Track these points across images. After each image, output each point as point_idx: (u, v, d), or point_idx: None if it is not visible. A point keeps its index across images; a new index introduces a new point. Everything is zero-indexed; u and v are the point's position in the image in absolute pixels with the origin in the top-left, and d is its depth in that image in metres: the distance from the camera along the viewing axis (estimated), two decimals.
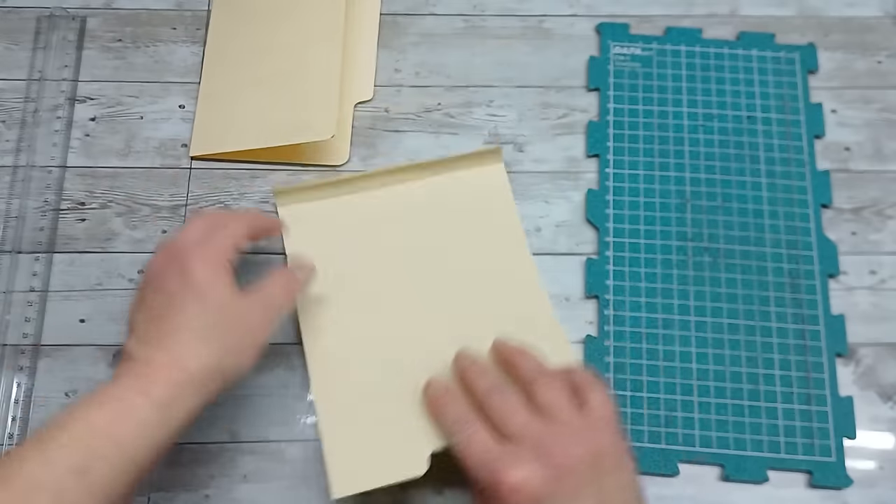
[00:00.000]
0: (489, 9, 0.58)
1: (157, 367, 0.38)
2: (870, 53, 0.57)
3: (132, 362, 0.38)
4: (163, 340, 0.39)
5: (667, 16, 0.58)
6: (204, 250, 0.41)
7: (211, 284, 0.40)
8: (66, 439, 0.35)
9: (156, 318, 0.39)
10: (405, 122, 0.55)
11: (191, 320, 0.39)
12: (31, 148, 0.53)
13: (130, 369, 0.38)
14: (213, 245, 0.42)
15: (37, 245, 0.51)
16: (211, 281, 0.40)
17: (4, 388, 0.48)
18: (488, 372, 0.42)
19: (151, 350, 0.38)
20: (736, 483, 0.46)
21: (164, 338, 0.39)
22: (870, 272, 0.51)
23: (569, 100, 0.55)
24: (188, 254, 0.41)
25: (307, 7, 0.56)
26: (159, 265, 0.41)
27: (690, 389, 0.48)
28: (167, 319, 0.39)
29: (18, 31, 0.57)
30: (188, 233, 0.42)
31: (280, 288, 0.43)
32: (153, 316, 0.40)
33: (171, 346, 0.38)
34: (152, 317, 0.40)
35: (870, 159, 0.54)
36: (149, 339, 0.39)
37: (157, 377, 0.37)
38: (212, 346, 0.39)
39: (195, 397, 0.38)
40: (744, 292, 0.50)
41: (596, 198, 0.52)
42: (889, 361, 0.49)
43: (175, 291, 0.40)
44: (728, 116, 0.54)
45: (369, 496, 0.45)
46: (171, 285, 0.40)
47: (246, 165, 0.53)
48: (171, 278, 0.40)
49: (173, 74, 0.56)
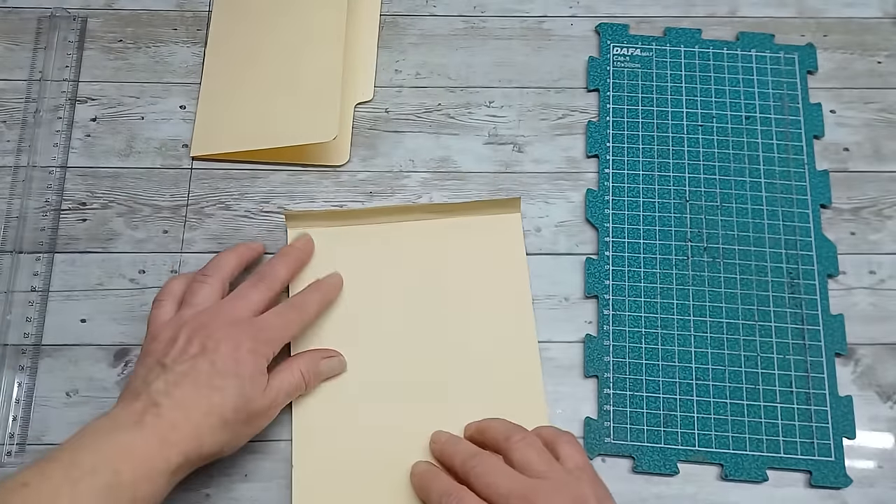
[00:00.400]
0: (489, 9, 0.58)
1: (181, 438, 0.38)
2: (869, 54, 0.57)
3: (160, 411, 0.39)
4: (192, 410, 0.39)
5: (666, 16, 0.58)
6: (257, 332, 0.42)
7: (254, 381, 0.41)
8: (96, 483, 0.35)
9: (193, 381, 0.40)
10: (405, 123, 0.55)
11: (226, 407, 0.40)
12: (33, 148, 0.53)
13: (157, 424, 0.38)
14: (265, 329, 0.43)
15: (38, 245, 0.51)
16: (256, 376, 0.41)
17: (5, 388, 0.48)
18: (464, 442, 0.44)
19: (180, 414, 0.39)
20: (735, 482, 0.46)
21: (195, 408, 0.39)
22: (869, 272, 0.51)
23: (568, 100, 0.56)
24: (243, 333, 0.42)
25: (308, 8, 0.56)
26: (215, 324, 0.42)
27: (690, 389, 0.48)
28: (205, 391, 0.40)
29: (19, 32, 0.57)
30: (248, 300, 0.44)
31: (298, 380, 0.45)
32: (194, 375, 0.40)
33: (199, 422, 0.39)
34: (192, 375, 0.40)
35: (869, 159, 0.54)
36: (182, 400, 0.39)
37: (179, 446, 0.38)
38: (227, 437, 0.41)
39: (187, 473, 0.40)
40: (743, 292, 0.50)
41: (595, 198, 0.52)
42: (888, 361, 0.49)
43: (223, 369, 0.40)
44: (727, 117, 0.54)
45: None
46: (221, 359, 0.40)
47: (246, 165, 0.53)
48: (224, 352, 0.41)
49: (174, 75, 0.56)
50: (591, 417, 0.48)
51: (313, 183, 0.53)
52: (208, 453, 0.40)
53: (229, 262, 0.47)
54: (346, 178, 0.53)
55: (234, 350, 0.41)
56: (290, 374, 0.44)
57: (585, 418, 0.48)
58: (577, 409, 0.48)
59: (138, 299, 0.50)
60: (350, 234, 0.50)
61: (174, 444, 0.38)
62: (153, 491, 0.37)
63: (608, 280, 0.50)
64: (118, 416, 0.39)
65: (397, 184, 0.53)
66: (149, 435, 0.38)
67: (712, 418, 0.47)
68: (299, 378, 0.44)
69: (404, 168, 0.54)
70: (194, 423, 0.39)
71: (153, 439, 0.38)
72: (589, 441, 0.47)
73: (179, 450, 0.38)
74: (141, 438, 0.37)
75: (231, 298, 0.44)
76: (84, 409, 0.48)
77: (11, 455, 0.46)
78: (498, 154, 0.54)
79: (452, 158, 0.54)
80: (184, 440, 0.38)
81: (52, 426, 0.47)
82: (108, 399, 0.48)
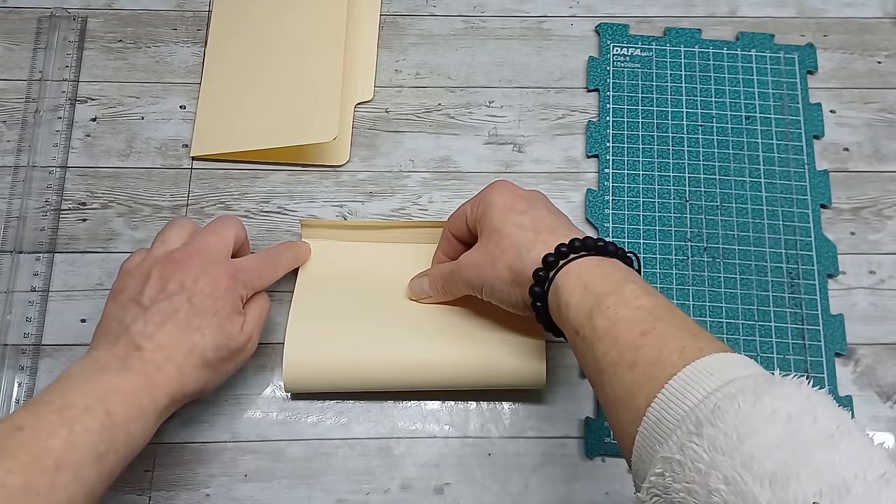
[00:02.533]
0: (489, 9, 0.58)
1: (167, 379, 0.39)
2: (869, 54, 0.57)
3: (143, 355, 0.39)
4: (174, 351, 0.39)
5: (666, 16, 0.58)
6: (235, 272, 0.42)
7: (232, 320, 0.41)
8: (91, 423, 0.35)
9: (173, 320, 0.40)
10: (405, 123, 0.55)
11: (207, 347, 0.40)
12: (33, 148, 0.53)
13: (143, 367, 0.38)
14: (243, 270, 0.43)
15: (38, 245, 0.51)
16: (233, 315, 0.41)
17: (5, 388, 0.48)
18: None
19: (163, 355, 0.39)
20: None
21: (177, 349, 0.39)
22: (869, 272, 0.51)
23: (568, 100, 0.56)
24: (221, 270, 0.42)
25: (308, 8, 0.56)
26: (191, 261, 0.41)
27: None
28: (186, 332, 0.40)
29: (19, 32, 0.57)
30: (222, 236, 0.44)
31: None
32: (172, 315, 0.40)
33: (182, 363, 0.39)
34: (171, 316, 0.40)
35: (869, 159, 0.54)
36: (164, 342, 0.39)
37: (165, 388, 0.39)
38: (209, 375, 0.41)
39: (172, 411, 0.40)
40: (743, 292, 0.50)
41: (595, 198, 0.52)
42: (888, 361, 0.49)
43: (202, 308, 0.40)
44: (727, 117, 0.54)
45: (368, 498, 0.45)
46: (201, 299, 0.40)
47: (246, 165, 0.53)
48: (202, 290, 0.41)
49: (174, 75, 0.56)
50: (591, 417, 0.48)
51: (313, 183, 0.53)
52: (192, 391, 0.40)
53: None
54: (346, 178, 0.53)
55: (213, 288, 0.41)
56: (260, 299, 0.45)
57: (585, 418, 0.48)
58: (577, 409, 0.48)
59: None
60: (365, 252, 0.50)
61: (160, 385, 0.38)
62: (143, 430, 0.38)
63: None
64: (101, 358, 0.39)
65: (397, 184, 0.53)
66: (135, 377, 0.38)
67: None
68: (266, 298, 0.45)
69: (404, 168, 0.54)
70: (177, 363, 0.39)
71: (140, 380, 0.38)
72: (589, 441, 0.47)
73: (164, 391, 0.38)
74: (127, 380, 0.38)
75: (204, 232, 0.44)
76: None
77: None
78: (498, 154, 0.54)
79: (452, 158, 0.54)
80: (168, 381, 0.39)
81: None
82: None
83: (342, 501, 0.46)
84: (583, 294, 0.37)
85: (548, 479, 0.46)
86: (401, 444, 0.47)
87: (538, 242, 0.40)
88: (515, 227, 0.41)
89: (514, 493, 0.46)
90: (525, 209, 0.42)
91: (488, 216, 0.43)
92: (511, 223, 0.42)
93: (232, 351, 0.41)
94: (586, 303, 0.37)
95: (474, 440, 0.47)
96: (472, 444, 0.47)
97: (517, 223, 0.41)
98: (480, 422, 0.48)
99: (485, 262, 0.42)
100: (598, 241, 0.39)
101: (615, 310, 0.35)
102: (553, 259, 0.39)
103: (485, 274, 0.42)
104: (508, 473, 0.47)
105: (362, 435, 0.47)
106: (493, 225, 0.42)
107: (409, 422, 0.48)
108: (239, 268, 0.43)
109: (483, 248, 0.43)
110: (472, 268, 0.43)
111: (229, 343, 0.41)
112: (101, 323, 0.41)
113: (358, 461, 0.47)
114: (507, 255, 0.41)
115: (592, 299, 0.36)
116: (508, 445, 0.47)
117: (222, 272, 0.42)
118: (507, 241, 0.41)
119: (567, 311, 0.37)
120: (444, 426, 0.48)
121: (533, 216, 0.42)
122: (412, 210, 0.53)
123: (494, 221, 0.42)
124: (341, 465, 0.47)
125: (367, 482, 0.46)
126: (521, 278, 0.40)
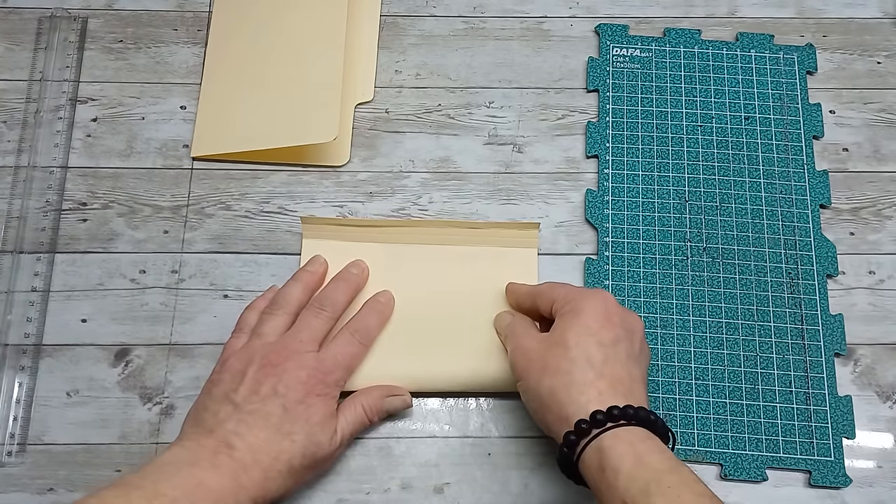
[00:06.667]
0: (489, 10, 0.58)
1: (253, 482, 0.40)
2: (868, 54, 0.57)
3: (233, 454, 0.39)
4: (263, 455, 0.40)
5: (665, 17, 0.58)
6: (325, 375, 0.43)
7: (323, 427, 0.42)
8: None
9: (264, 424, 0.41)
10: (405, 123, 0.55)
11: (294, 454, 0.41)
12: (33, 148, 0.53)
13: (232, 466, 0.39)
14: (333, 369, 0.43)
15: (38, 245, 0.51)
16: (325, 422, 0.42)
17: (6, 388, 0.48)
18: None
19: (251, 457, 0.40)
20: (735, 482, 0.46)
21: (265, 453, 0.40)
22: (868, 272, 0.51)
23: (568, 101, 0.56)
24: (312, 376, 0.42)
25: (309, 8, 0.56)
26: (284, 365, 0.42)
27: (689, 389, 0.48)
28: (276, 437, 0.41)
29: (20, 32, 0.57)
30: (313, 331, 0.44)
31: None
32: (266, 419, 0.41)
33: (269, 467, 0.40)
34: (264, 419, 0.41)
35: (868, 160, 0.54)
36: (255, 445, 0.40)
37: (249, 491, 0.39)
38: (292, 483, 0.42)
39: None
40: (742, 292, 0.50)
41: (595, 198, 0.53)
42: (888, 361, 0.49)
43: (294, 414, 0.41)
44: (727, 117, 0.54)
45: (370, 491, 0.45)
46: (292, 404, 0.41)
47: (247, 166, 0.54)
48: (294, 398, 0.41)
49: (174, 75, 0.56)
50: None
51: (313, 183, 0.53)
52: (271, 498, 0.41)
53: (294, 295, 0.46)
54: (346, 178, 0.54)
55: (305, 395, 0.42)
56: (354, 411, 0.45)
57: None
58: None
59: (139, 299, 0.50)
60: (366, 252, 0.50)
61: (244, 487, 0.39)
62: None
63: (608, 280, 0.50)
64: (193, 449, 0.40)
65: (397, 184, 0.53)
66: (223, 476, 0.39)
67: (712, 418, 0.47)
68: (362, 415, 0.45)
69: (404, 168, 0.54)
70: (264, 467, 0.40)
71: (227, 480, 0.39)
72: None
73: (248, 494, 0.39)
74: (216, 479, 0.38)
75: (296, 330, 0.44)
76: (84, 409, 0.48)
77: (12, 455, 0.46)
78: (498, 154, 0.54)
79: (452, 159, 0.54)
80: (253, 485, 0.39)
81: (53, 426, 0.47)
82: (108, 399, 0.48)
83: (342, 501, 0.46)
84: (635, 465, 0.36)
85: (548, 479, 0.46)
86: (401, 444, 0.47)
87: (593, 389, 0.39)
88: (583, 358, 0.40)
89: (514, 493, 0.46)
90: (607, 343, 0.40)
91: (569, 322, 0.41)
92: (583, 349, 0.40)
93: (318, 460, 0.42)
94: (641, 476, 0.35)
95: (474, 440, 0.47)
96: (472, 443, 0.47)
97: (588, 355, 0.40)
98: (480, 422, 0.48)
99: (534, 361, 0.41)
100: (651, 415, 0.38)
101: (677, 491, 0.34)
102: (602, 418, 0.37)
103: (529, 372, 0.41)
104: (508, 473, 0.47)
105: (362, 434, 0.47)
106: (565, 336, 0.41)
107: (409, 421, 0.48)
108: (328, 368, 0.43)
109: (546, 346, 0.41)
110: (524, 357, 0.42)
111: (316, 451, 0.42)
112: (195, 411, 0.43)
113: (358, 461, 0.47)
114: (558, 377, 0.40)
115: (649, 474, 0.35)
116: (508, 445, 0.47)
117: (314, 377, 0.42)
118: (567, 364, 0.40)
119: (615, 479, 0.36)
120: (444, 426, 0.48)
121: (608, 355, 0.40)
122: (412, 210, 0.53)
123: (569, 334, 0.41)
124: (341, 465, 0.47)
125: (367, 482, 0.46)
126: (559, 411, 0.39)
